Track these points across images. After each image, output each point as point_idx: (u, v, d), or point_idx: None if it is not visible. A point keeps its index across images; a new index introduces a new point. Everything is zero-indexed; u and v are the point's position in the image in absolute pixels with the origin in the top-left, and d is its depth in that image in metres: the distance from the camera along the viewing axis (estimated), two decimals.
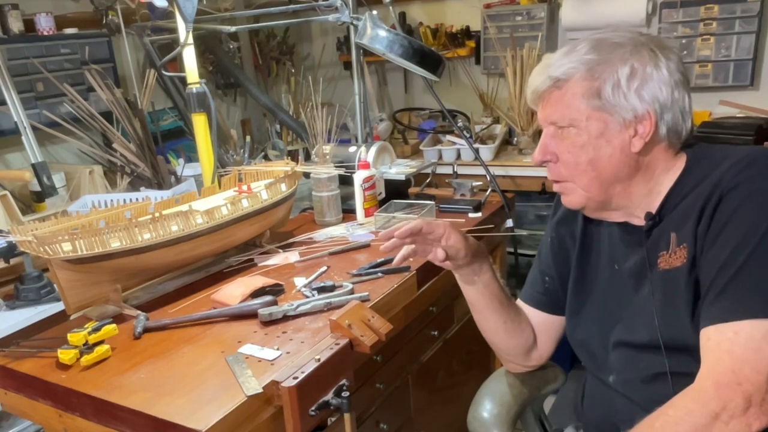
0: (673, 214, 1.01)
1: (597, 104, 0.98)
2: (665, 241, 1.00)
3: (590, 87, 0.98)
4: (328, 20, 1.92)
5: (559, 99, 1.02)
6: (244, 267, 1.58)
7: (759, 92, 2.58)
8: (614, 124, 0.99)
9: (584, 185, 1.04)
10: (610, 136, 0.99)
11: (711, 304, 0.92)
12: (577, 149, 1.02)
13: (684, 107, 1.00)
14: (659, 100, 0.97)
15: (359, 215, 1.86)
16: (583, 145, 1.01)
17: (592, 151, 1.01)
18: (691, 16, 2.57)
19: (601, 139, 1.00)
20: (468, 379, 1.88)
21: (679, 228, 0.99)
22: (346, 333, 1.16)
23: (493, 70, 3.00)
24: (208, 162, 1.86)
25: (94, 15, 2.44)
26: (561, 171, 1.05)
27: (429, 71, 1.80)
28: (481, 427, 1.24)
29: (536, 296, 1.27)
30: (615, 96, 0.97)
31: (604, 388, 1.16)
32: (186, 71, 1.80)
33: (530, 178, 2.58)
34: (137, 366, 1.14)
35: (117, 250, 1.27)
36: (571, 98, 1.00)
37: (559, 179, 1.07)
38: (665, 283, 1.00)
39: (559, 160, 1.05)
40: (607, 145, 1.00)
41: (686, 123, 1.01)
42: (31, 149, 1.93)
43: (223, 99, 3.16)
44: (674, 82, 0.98)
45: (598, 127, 0.99)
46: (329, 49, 3.50)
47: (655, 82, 0.97)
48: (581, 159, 1.02)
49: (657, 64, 0.97)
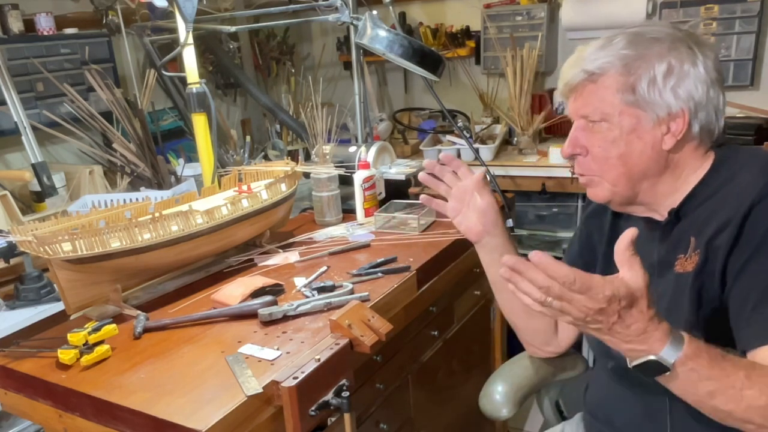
0: (694, 215, 1.00)
1: (631, 100, 0.98)
2: (685, 244, 1.00)
3: (625, 82, 0.98)
4: (328, 20, 1.92)
5: (593, 92, 1.00)
6: (244, 267, 1.58)
7: (759, 92, 2.58)
8: (647, 121, 0.98)
9: (612, 180, 1.03)
10: (642, 132, 0.99)
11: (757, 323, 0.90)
12: (608, 144, 1.01)
13: (718, 106, 0.99)
14: (694, 99, 0.97)
15: (359, 215, 1.86)
16: (614, 140, 1.00)
17: (623, 146, 1.00)
18: (691, 16, 2.57)
19: (632, 134, 0.99)
20: (468, 379, 1.88)
21: (699, 233, 0.98)
22: (346, 333, 1.16)
23: (493, 70, 3.00)
24: (208, 162, 1.86)
25: (94, 15, 2.44)
26: (590, 165, 1.05)
27: (429, 71, 1.80)
28: (490, 404, 1.31)
29: None
30: (650, 92, 0.97)
31: (602, 375, 1.18)
32: (186, 71, 1.80)
33: (530, 178, 2.57)
34: (137, 366, 1.14)
35: (117, 250, 1.27)
36: (605, 92, 0.99)
37: (586, 173, 1.06)
38: (676, 286, 1.00)
39: (589, 153, 1.04)
40: (639, 141, 0.99)
41: (719, 122, 1.00)
42: (31, 149, 1.93)
43: (223, 99, 3.16)
44: (710, 81, 0.97)
45: (630, 123, 0.99)
46: (329, 49, 3.50)
47: (692, 80, 0.96)
48: (611, 154, 1.01)
49: (694, 62, 0.96)
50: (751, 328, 0.90)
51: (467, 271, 1.74)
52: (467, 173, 1.21)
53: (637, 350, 0.83)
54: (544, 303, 0.80)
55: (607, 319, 0.80)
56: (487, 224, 1.20)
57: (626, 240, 0.83)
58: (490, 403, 1.31)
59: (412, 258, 1.55)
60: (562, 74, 1.06)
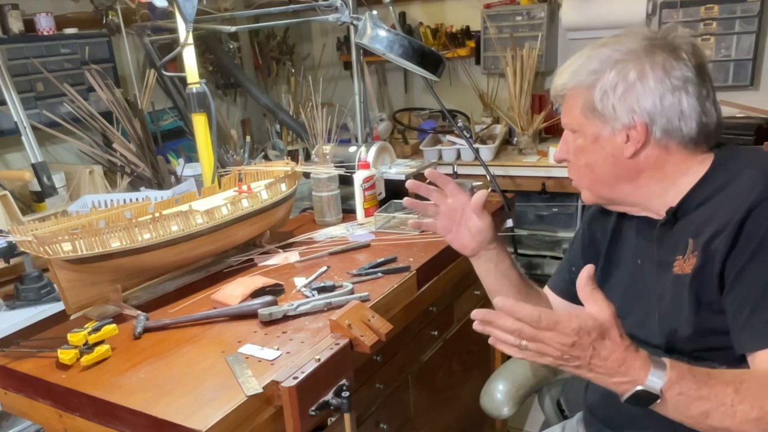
0: (693, 216, 1.00)
1: (590, 112, 1.02)
2: (683, 246, 1.00)
3: (586, 95, 1.02)
4: (328, 20, 1.92)
5: (567, 104, 1.06)
6: (244, 267, 1.58)
7: (759, 92, 2.59)
8: (606, 131, 1.02)
9: (587, 185, 1.10)
10: (603, 142, 1.03)
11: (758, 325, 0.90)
12: (578, 152, 1.07)
13: (683, 110, 0.98)
14: (646, 108, 0.98)
15: (359, 215, 1.86)
16: (583, 149, 1.06)
17: (589, 155, 1.05)
18: (691, 16, 2.57)
19: (596, 144, 1.04)
20: (468, 379, 1.88)
21: (697, 235, 0.98)
22: (346, 333, 1.16)
23: (493, 70, 3.00)
24: (208, 162, 1.86)
25: (94, 15, 2.45)
26: (571, 171, 1.12)
27: (429, 71, 1.80)
28: (491, 402, 1.32)
29: (561, 284, 1.30)
30: (603, 105, 1.00)
31: None
32: (186, 71, 1.80)
33: (530, 178, 2.58)
34: (137, 366, 1.14)
35: (117, 250, 1.27)
36: (573, 105, 1.05)
37: (572, 178, 1.13)
38: (675, 288, 1.01)
39: (569, 161, 1.10)
40: (601, 149, 1.03)
41: (688, 124, 0.99)
42: (31, 149, 1.93)
43: (223, 99, 3.16)
44: (671, 86, 0.97)
45: (593, 133, 1.03)
46: (329, 49, 3.50)
47: (639, 91, 0.97)
48: (581, 162, 1.07)
49: (643, 72, 0.97)
50: (749, 332, 0.90)
51: (467, 271, 1.74)
52: (456, 191, 1.20)
53: (624, 383, 0.84)
54: (520, 347, 0.83)
55: (582, 353, 0.82)
56: (482, 242, 1.20)
57: (584, 277, 0.86)
58: (491, 402, 1.32)
59: (412, 258, 1.55)
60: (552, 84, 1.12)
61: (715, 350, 0.97)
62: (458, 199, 1.20)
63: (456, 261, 1.67)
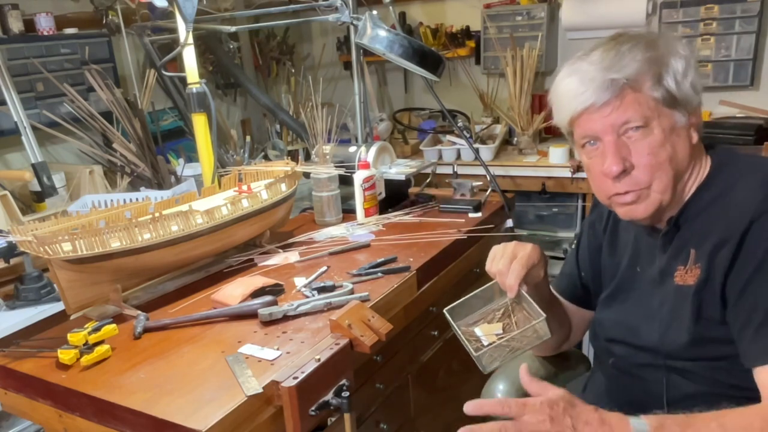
0: (694, 225, 1.00)
1: (664, 99, 0.96)
2: (685, 256, 1.00)
3: (657, 83, 0.95)
4: (328, 20, 1.91)
5: (633, 99, 0.96)
6: (244, 267, 1.58)
7: (759, 92, 2.58)
8: (679, 117, 0.97)
9: (662, 187, 0.98)
10: (679, 130, 0.97)
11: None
12: (657, 148, 0.96)
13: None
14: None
15: (359, 215, 1.86)
16: (662, 143, 0.96)
17: (669, 148, 0.96)
18: (691, 16, 2.57)
19: (673, 134, 0.97)
20: (468, 379, 1.87)
21: (699, 245, 0.98)
22: (346, 333, 1.16)
23: (493, 70, 3.00)
24: (208, 162, 1.86)
25: (94, 15, 2.44)
26: (640, 177, 0.98)
27: (429, 71, 1.80)
28: None
29: (570, 289, 1.30)
30: (678, 89, 0.95)
31: (601, 373, 1.19)
32: (186, 71, 1.80)
33: (530, 178, 2.58)
34: (137, 366, 1.14)
35: (117, 250, 1.27)
36: (643, 96, 0.96)
37: (634, 188, 0.99)
38: (676, 298, 1.00)
39: (635, 166, 0.97)
40: (679, 139, 0.97)
41: None
42: (31, 149, 1.93)
43: (223, 99, 3.16)
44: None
45: (669, 123, 0.96)
46: (329, 49, 3.50)
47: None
48: (662, 158, 0.96)
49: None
50: (757, 346, 0.91)
51: (467, 271, 1.74)
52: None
53: None
54: None
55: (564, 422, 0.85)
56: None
57: (525, 379, 0.93)
58: None
59: (412, 258, 1.55)
60: (576, 98, 0.98)
61: (713, 360, 0.98)
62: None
63: (456, 261, 1.67)
